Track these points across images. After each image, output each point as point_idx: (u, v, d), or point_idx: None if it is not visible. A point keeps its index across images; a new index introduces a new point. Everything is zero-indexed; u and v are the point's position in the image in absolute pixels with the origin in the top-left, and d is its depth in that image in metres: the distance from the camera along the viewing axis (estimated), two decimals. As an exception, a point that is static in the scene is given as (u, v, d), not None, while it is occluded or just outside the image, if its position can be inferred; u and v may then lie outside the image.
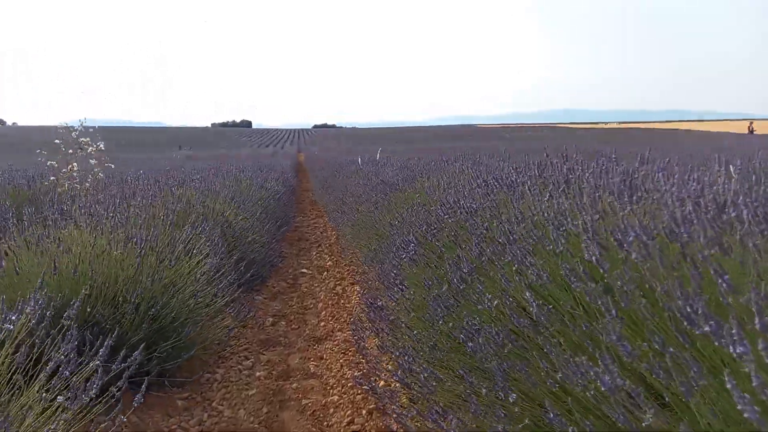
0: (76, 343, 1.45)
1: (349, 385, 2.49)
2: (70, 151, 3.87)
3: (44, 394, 1.31)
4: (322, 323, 3.42)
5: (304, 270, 4.87)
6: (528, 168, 2.90)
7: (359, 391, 2.38)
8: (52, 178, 3.72)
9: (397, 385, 1.97)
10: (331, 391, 2.50)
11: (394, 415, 1.83)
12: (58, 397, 1.30)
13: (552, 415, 1.13)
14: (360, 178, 6.33)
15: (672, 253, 1.26)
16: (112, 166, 4.11)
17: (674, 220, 1.31)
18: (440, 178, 3.83)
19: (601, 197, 1.80)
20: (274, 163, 14.46)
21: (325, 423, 2.23)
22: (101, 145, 3.96)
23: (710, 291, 1.09)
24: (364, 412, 2.25)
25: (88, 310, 2.14)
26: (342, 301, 3.85)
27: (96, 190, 3.59)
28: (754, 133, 34.92)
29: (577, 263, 1.37)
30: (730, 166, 1.72)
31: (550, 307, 1.40)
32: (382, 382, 2.34)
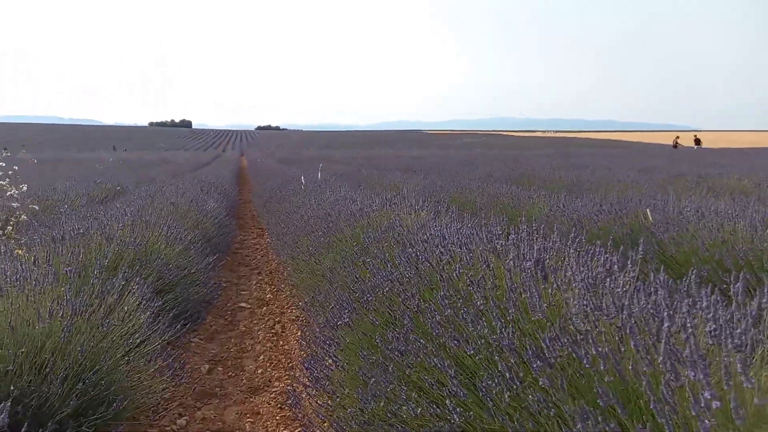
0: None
1: (285, 447, 2.50)
2: None
3: None
4: (260, 370, 3.40)
5: (243, 304, 4.81)
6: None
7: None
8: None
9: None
10: (267, 453, 2.49)
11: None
12: None
13: None
14: (300, 205, 6.30)
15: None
16: (37, 207, 3.91)
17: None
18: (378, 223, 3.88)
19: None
20: (216, 174, 14.16)
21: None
22: (24, 188, 3.78)
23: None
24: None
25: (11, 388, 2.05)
26: (281, 342, 3.83)
27: (20, 234, 3.42)
28: (678, 147, 36.90)
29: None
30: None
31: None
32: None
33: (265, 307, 4.68)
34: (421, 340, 1.85)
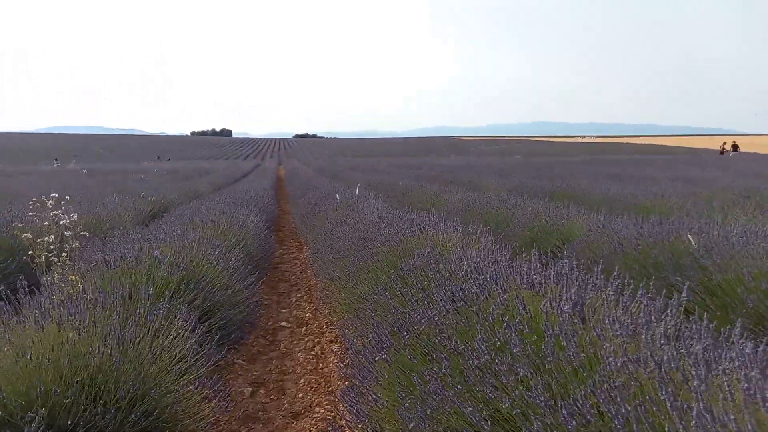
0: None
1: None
2: (45, 223, 3.90)
3: None
4: (301, 394, 3.48)
5: (284, 323, 4.92)
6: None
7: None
8: (30, 252, 3.74)
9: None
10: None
11: None
12: None
13: None
14: (337, 222, 6.39)
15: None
16: (87, 234, 4.12)
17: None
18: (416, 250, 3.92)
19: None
20: (255, 186, 14.47)
21: None
22: (74, 216, 3.99)
23: None
24: None
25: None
26: (321, 365, 3.91)
27: (72, 260, 3.62)
28: (725, 153, 35.46)
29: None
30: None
31: None
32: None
33: (304, 327, 4.79)
34: (459, 385, 1.89)
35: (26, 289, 2.94)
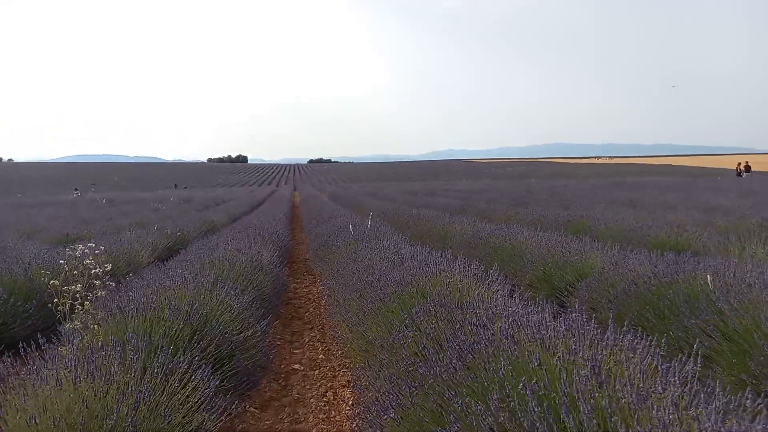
0: None
1: None
2: (75, 272, 3.98)
3: None
4: (313, 445, 3.47)
5: (296, 365, 4.92)
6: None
7: None
8: (55, 300, 3.81)
9: None
10: None
11: None
12: None
13: None
14: (350, 258, 6.41)
15: None
16: (113, 285, 4.19)
17: None
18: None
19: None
20: (270, 217, 14.58)
21: None
22: (108, 267, 4.07)
23: None
24: None
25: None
26: (333, 413, 3.90)
27: (96, 309, 3.68)
28: (744, 174, 34.95)
29: None
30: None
31: None
32: None
33: (317, 370, 4.78)
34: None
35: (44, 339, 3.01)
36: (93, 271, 3.91)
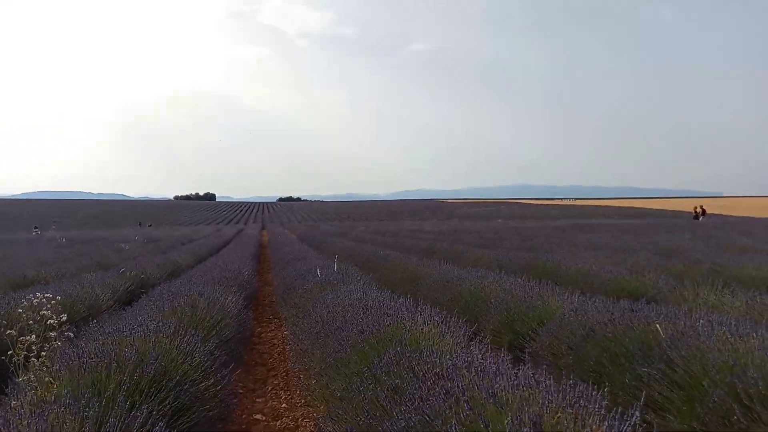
0: None
1: None
2: (30, 321, 3.89)
3: None
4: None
5: (258, 416, 4.84)
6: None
7: None
8: (9, 352, 3.71)
9: None
10: None
11: None
12: None
13: None
14: (315, 302, 6.40)
15: None
16: (72, 335, 4.11)
17: None
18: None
19: None
20: (236, 258, 14.41)
21: None
22: (63, 317, 4.00)
23: None
24: None
25: None
26: (294, 467, 3.84)
27: (52, 362, 3.59)
28: (701, 218, 36.32)
29: None
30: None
31: None
32: None
33: (279, 420, 4.71)
34: None
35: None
36: (49, 321, 3.82)
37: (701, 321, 4.36)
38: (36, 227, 41.92)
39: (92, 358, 3.87)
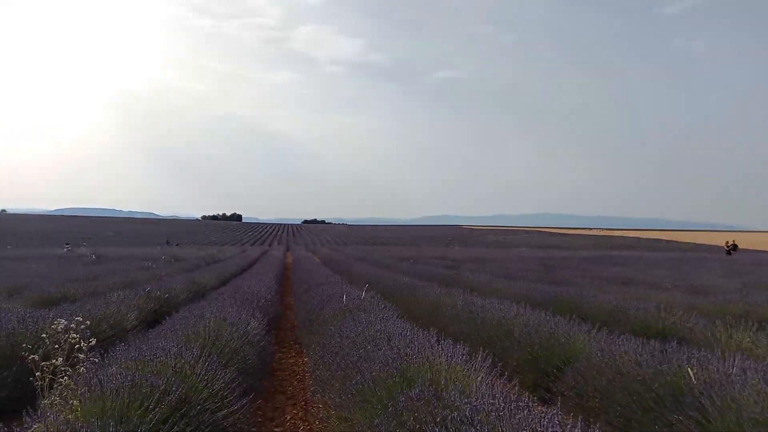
0: None
1: None
2: (56, 346, 3.95)
3: None
4: None
5: (277, 447, 4.80)
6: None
7: None
8: (38, 373, 3.77)
9: None
10: None
11: None
12: None
13: None
14: (337, 334, 6.37)
15: None
16: (97, 360, 4.17)
17: None
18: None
19: None
20: (260, 281, 14.48)
21: None
22: (92, 341, 4.06)
23: None
24: None
25: None
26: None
27: (77, 385, 3.63)
28: (732, 253, 35.34)
29: None
30: None
31: None
32: None
33: (298, 454, 4.66)
34: None
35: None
36: (77, 346, 3.88)
37: (734, 369, 4.20)
38: (67, 244, 42.94)
39: (114, 383, 3.91)
